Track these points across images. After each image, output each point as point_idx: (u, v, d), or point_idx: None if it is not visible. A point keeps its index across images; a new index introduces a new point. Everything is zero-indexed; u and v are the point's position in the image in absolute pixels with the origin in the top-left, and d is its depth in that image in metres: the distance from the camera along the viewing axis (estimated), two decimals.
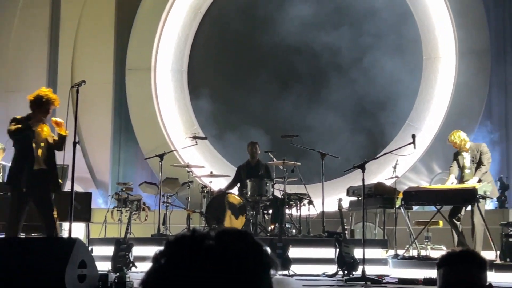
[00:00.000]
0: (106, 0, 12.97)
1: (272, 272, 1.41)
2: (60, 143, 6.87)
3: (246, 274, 1.35)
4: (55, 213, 6.74)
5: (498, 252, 7.90)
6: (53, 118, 6.90)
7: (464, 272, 2.26)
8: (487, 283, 2.30)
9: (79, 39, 12.94)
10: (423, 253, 8.31)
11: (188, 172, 10.24)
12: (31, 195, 6.63)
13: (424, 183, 10.69)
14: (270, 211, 9.58)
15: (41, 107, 6.71)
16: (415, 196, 8.21)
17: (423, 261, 7.84)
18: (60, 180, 7.15)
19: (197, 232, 1.39)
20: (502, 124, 11.07)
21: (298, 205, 9.44)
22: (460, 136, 8.52)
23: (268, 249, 1.42)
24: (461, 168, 8.59)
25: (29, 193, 6.60)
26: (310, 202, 9.41)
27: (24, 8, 13.21)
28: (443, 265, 2.34)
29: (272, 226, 9.36)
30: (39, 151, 6.68)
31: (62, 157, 11.64)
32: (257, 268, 1.37)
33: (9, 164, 10.06)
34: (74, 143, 6.41)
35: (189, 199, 10.01)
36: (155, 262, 1.39)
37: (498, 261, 7.74)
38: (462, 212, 8.31)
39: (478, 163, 8.39)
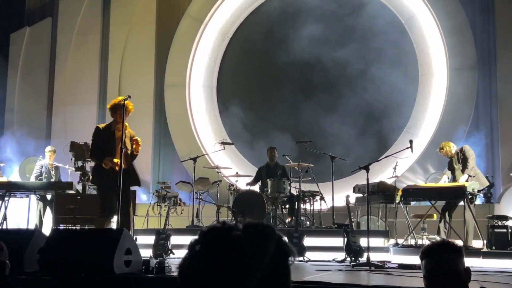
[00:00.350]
0: (148, 26, 13.04)
1: (291, 259, 1.41)
2: (131, 158, 6.83)
3: (269, 261, 1.35)
4: (130, 209, 6.74)
5: (485, 241, 7.84)
6: (136, 137, 6.83)
7: (443, 261, 2.24)
8: (465, 267, 2.28)
9: (125, 59, 13.02)
10: (420, 242, 8.23)
11: (217, 172, 10.24)
12: (113, 191, 6.48)
13: (420, 182, 10.60)
14: (287, 206, 9.55)
15: (117, 112, 6.69)
16: (412, 193, 8.14)
17: (420, 249, 7.74)
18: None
19: (226, 224, 1.40)
20: (488, 130, 10.97)
21: (311, 200, 9.41)
22: (447, 146, 8.52)
23: (287, 240, 1.43)
24: (452, 170, 8.55)
25: (111, 189, 6.49)
26: (322, 198, 9.38)
27: (79, 34, 13.33)
28: (424, 257, 2.32)
29: (289, 219, 9.33)
30: (118, 153, 6.54)
31: None
32: (278, 256, 1.37)
33: (61, 165, 10.21)
34: (121, 149, 6.27)
35: (218, 196, 10.00)
36: (191, 249, 1.39)
37: (485, 249, 7.67)
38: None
39: (463, 162, 8.33)
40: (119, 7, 13.21)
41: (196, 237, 1.41)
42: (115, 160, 6.58)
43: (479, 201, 9.95)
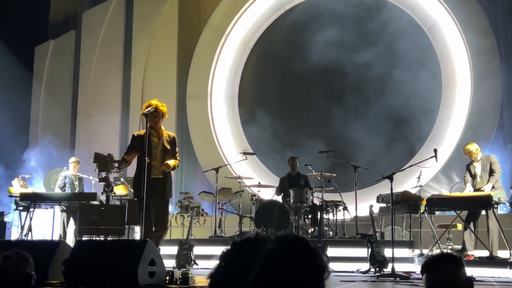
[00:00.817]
0: (170, 38, 13.16)
1: (326, 274, 1.37)
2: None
3: (303, 276, 1.32)
4: (165, 220, 6.52)
5: None
6: (167, 162, 6.47)
7: (444, 272, 2.24)
8: (467, 277, 2.27)
9: (148, 71, 13.14)
10: (445, 252, 8.11)
11: (239, 182, 10.24)
12: (150, 202, 6.23)
13: (445, 191, 10.46)
14: (310, 216, 9.50)
15: (160, 115, 6.47)
16: (437, 203, 8.03)
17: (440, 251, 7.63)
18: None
19: (260, 236, 1.36)
20: None
21: (334, 210, 9.34)
22: (475, 146, 8.38)
23: (322, 254, 1.40)
24: (473, 177, 8.40)
25: (148, 199, 6.18)
26: (345, 208, 9.31)
27: (102, 47, 13.50)
28: (426, 271, 2.31)
29: (312, 229, 9.27)
30: (154, 162, 6.35)
31: (134, 171, 11.86)
32: (312, 272, 1.34)
33: (85, 176, 10.30)
34: (144, 161, 6.11)
35: (240, 206, 9.99)
36: (222, 259, 1.36)
37: None
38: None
39: (490, 172, 8.19)
40: (142, 20, 13.35)
41: (229, 247, 1.38)
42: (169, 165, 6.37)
43: (505, 210, 9.83)
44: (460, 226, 8.47)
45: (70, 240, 9.65)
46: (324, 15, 12.16)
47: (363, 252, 7.74)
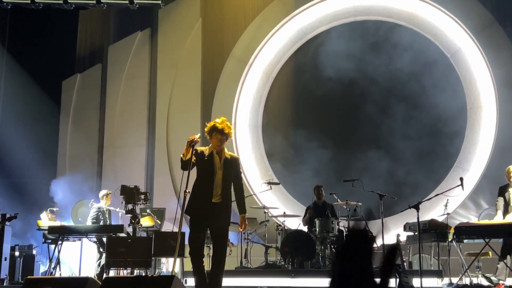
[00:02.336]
0: (194, 69, 13.32)
1: None
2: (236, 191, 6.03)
3: None
4: (223, 260, 5.96)
5: None
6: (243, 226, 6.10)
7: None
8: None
9: (172, 102, 13.30)
10: (475, 281, 7.99)
11: (265, 212, 10.25)
12: (208, 227, 5.89)
13: (473, 218, 10.35)
14: (336, 246, 9.45)
15: (211, 135, 6.01)
16: (465, 231, 7.93)
17: None
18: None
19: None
20: None
21: None
22: None
23: None
24: (507, 202, 8.27)
25: (205, 225, 5.83)
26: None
27: (128, 79, 13.74)
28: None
29: None
30: (216, 185, 5.79)
31: (161, 201, 11.97)
32: None
33: (112, 208, 10.43)
34: (185, 192, 5.73)
35: (266, 236, 9.99)
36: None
37: None
38: None
39: None
40: (166, 52, 13.59)
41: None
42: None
43: None
44: (490, 254, 8.33)
45: (93, 272, 9.76)
46: (346, 43, 12.24)
47: (391, 282, 7.66)
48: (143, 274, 8.88)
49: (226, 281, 8.04)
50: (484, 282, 7.94)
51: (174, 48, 13.51)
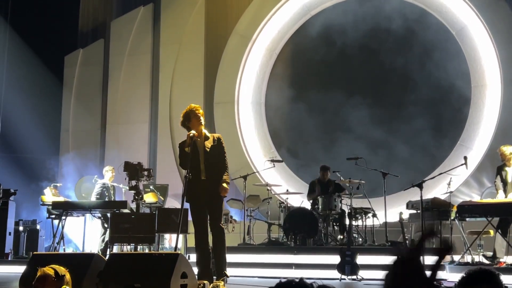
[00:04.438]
0: (197, 45, 13.26)
1: None
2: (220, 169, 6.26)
3: None
4: (220, 223, 6.21)
5: None
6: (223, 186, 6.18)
7: None
8: None
9: (175, 78, 13.27)
10: (476, 259, 8.04)
11: (268, 190, 10.28)
12: (204, 205, 6.14)
13: (476, 196, 10.37)
14: (339, 223, 9.50)
15: (190, 120, 6.26)
16: (468, 209, 7.93)
17: (477, 267, 7.57)
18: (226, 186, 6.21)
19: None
20: None
21: (363, 217, 9.31)
22: (509, 150, 8.24)
23: None
24: (504, 182, 8.28)
25: (201, 203, 6.12)
26: (374, 215, 9.27)
27: (130, 55, 13.69)
28: (463, 286, 2.23)
29: (341, 236, 9.27)
30: (201, 164, 6.15)
31: (164, 178, 11.99)
32: None
33: (116, 184, 10.45)
34: (186, 177, 5.99)
35: (269, 213, 10.04)
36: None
37: None
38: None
39: None
40: (169, 28, 13.51)
41: None
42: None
43: None
44: (492, 233, 8.37)
45: (97, 247, 9.83)
46: (351, 19, 12.13)
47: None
48: (147, 250, 8.96)
49: (229, 257, 8.09)
50: (485, 260, 8.00)
51: (177, 23, 13.43)
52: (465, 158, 7.57)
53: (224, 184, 6.16)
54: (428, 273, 1.90)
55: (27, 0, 13.57)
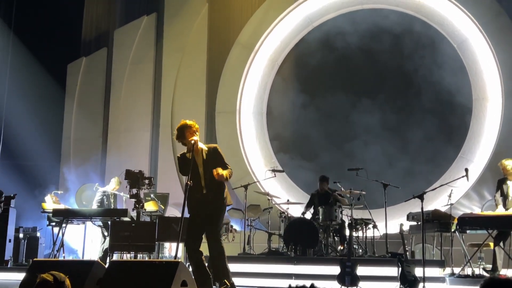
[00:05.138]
0: (200, 55, 13.28)
1: None
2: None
3: None
4: (219, 243, 6.07)
5: None
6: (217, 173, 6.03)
7: None
8: None
9: (177, 88, 13.29)
10: (476, 271, 8.00)
11: (268, 199, 10.26)
12: (202, 220, 6.06)
13: (476, 209, 10.35)
14: (339, 234, 9.47)
15: (184, 137, 6.14)
16: (469, 222, 7.88)
17: (477, 279, 7.55)
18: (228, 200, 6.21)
19: None
20: None
21: (364, 228, 9.29)
22: (511, 163, 8.22)
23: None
24: (505, 196, 8.25)
25: (200, 216, 6.04)
26: (374, 226, 9.25)
27: (133, 64, 13.72)
28: None
29: (341, 247, 9.24)
30: (202, 179, 6.08)
31: (165, 186, 11.96)
32: None
33: (117, 192, 10.43)
34: (187, 184, 5.91)
35: (269, 223, 10.01)
36: None
37: None
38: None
39: None
40: (172, 37, 13.55)
41: None
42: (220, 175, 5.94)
43: None
44: (492, 245, 8.33)
45: (97, 255, 9.80)
46: (353, 31, 12.18)
47: (393, 271, 7.68)
48: (147, 259, 8.92)
49: (229, 267, 8.07)
50: (486, 274, 7.96)
51: (180, 33, 13.46)
52: (466, 170, 7.55)
53: (220, 170, 5.97)
54: None
55: (31, 8, 13.58)
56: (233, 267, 8.23)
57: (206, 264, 6.21)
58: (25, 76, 13.79)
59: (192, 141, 6.02)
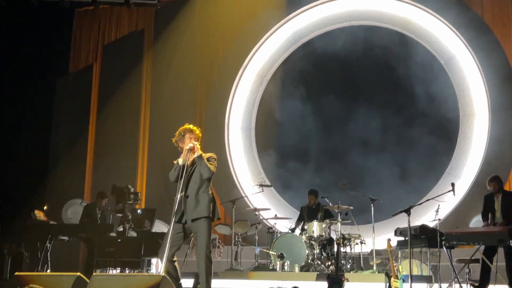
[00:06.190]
0: (188, 70, 13.16)
1: None
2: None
3: None
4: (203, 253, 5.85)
5: None
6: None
7: None
8: None
9: (166, 102, 13.12)
10: (464, 287, 7.96)
11: (256, 214, 10.20)
12: (189, 226, 5.93)
13: (464, 224, 10.33)
14: (327, 249, 9.41)
15: (184, 137, 6.09)
16: (456, 237, 7.88)
17: None
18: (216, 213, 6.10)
19: None
20: None
21: (352, 244, 9.24)
22: (498, 180, 8.21)
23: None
24: (492, 211, 8.24)
25: (186, 224, 5.91)
26: (362, 242, 9.21)
27: (121, 79, 13.50)
28: None
29: (329, 262, 9.18)
30: (190, 184, 5.98)
31: (152, 202, 11.85)
32: None
33: (108, 208, 10.31)
34: (185, 196, 5.90)
35: (257, 238, 9.93)
36: None
37: None
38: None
39: (509, 208, 8.04)
40: (161, 53, 13.49)
41: None
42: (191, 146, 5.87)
43: None
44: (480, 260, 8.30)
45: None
46: (340, 47, 12.21)
47: (381, 286, 7.63)
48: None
49: (216, 283, 8.00)
50: None
51: (169, 49, 13.40)
52: (453, 184, 7.55)
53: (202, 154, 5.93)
54: None
55: (19, 22, 13.41)
56: (219, 282, 8.20)
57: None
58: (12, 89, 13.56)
59: (189, 147, 5.93)
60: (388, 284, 7.35)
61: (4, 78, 13.20)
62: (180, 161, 5.97)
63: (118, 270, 8.65)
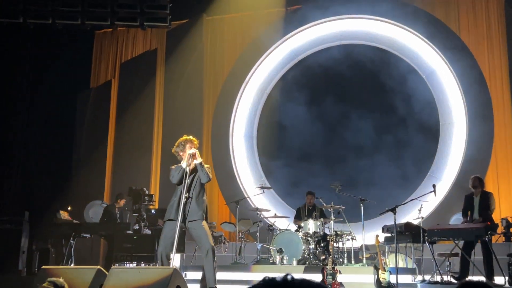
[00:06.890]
0: (197, 85, 13.18)
1: None
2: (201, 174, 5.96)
3: None
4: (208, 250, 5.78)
5: (507, 278, 7.51)
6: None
7: None
8: None
9: (178, 114, 13.18)
10: (445, 278, 7.95)
11: (257, 214, 10.20)
12: (186, 226, 5.90)
13: (445, 222, 10.31)
14: (322, 245, 9.41)
15: (185, 147, 6.07)
16: (437, 233, 7.88)
17: (446, 285, 7.51)
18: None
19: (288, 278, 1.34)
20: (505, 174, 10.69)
21: (343, 240, 9.24)
22: (478, 180, 8.23)
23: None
24: (471, 209, 8.24)
25: (185, 224, 5.87)
26: (353, 238, 9.22)
27: (137, 93, 13.59)
28: None
29: (323, 257, 9.17)
30: (191, 188, 5.98)
31: (164, 202, 11.84)
32: None
33: (125, 209, 10.33)
34: (187, 198, 5.88)
35: (258, 235, 9.93)
36: None
37: (507, 285, 7.35)
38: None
39: (486, 207, 8.04)
40: (172, 70, 13.52)
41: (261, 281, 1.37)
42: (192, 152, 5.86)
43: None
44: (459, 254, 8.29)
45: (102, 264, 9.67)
46: (332, 64, 12.24)
47: (370, 278, 7.63)
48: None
49: (222, 275, 8.01)
50: (453, 280, 7.92)
51: (180, 66, 13.46)
52: (434, 186, 7.57)
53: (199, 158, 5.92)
54: None
55: (44, 44, 13.40)
56: (226, 275, 8.20)
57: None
58: (40, 103, 13.60)
59: (191, 152, 5.94)
60: (376, 276, 7.36)
61: (33, 93, 13.27)
62: (184, 164, 5.96)
63: (134, 264, 8.65)
